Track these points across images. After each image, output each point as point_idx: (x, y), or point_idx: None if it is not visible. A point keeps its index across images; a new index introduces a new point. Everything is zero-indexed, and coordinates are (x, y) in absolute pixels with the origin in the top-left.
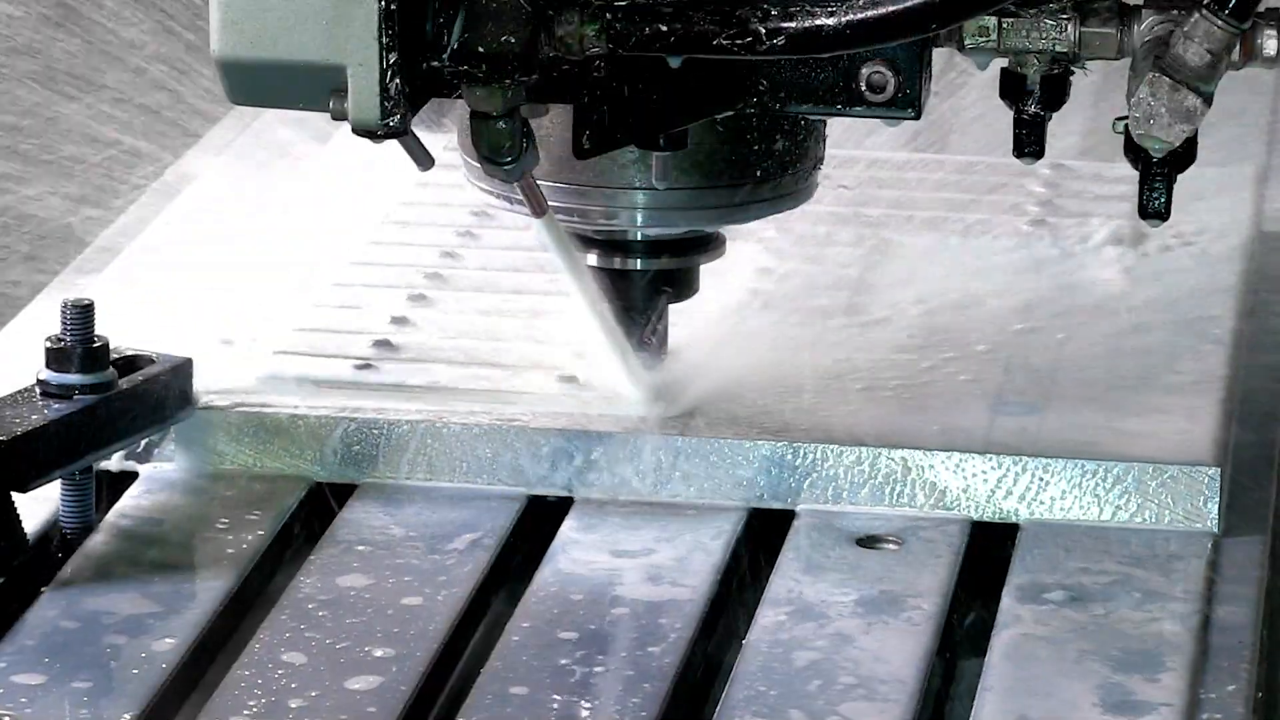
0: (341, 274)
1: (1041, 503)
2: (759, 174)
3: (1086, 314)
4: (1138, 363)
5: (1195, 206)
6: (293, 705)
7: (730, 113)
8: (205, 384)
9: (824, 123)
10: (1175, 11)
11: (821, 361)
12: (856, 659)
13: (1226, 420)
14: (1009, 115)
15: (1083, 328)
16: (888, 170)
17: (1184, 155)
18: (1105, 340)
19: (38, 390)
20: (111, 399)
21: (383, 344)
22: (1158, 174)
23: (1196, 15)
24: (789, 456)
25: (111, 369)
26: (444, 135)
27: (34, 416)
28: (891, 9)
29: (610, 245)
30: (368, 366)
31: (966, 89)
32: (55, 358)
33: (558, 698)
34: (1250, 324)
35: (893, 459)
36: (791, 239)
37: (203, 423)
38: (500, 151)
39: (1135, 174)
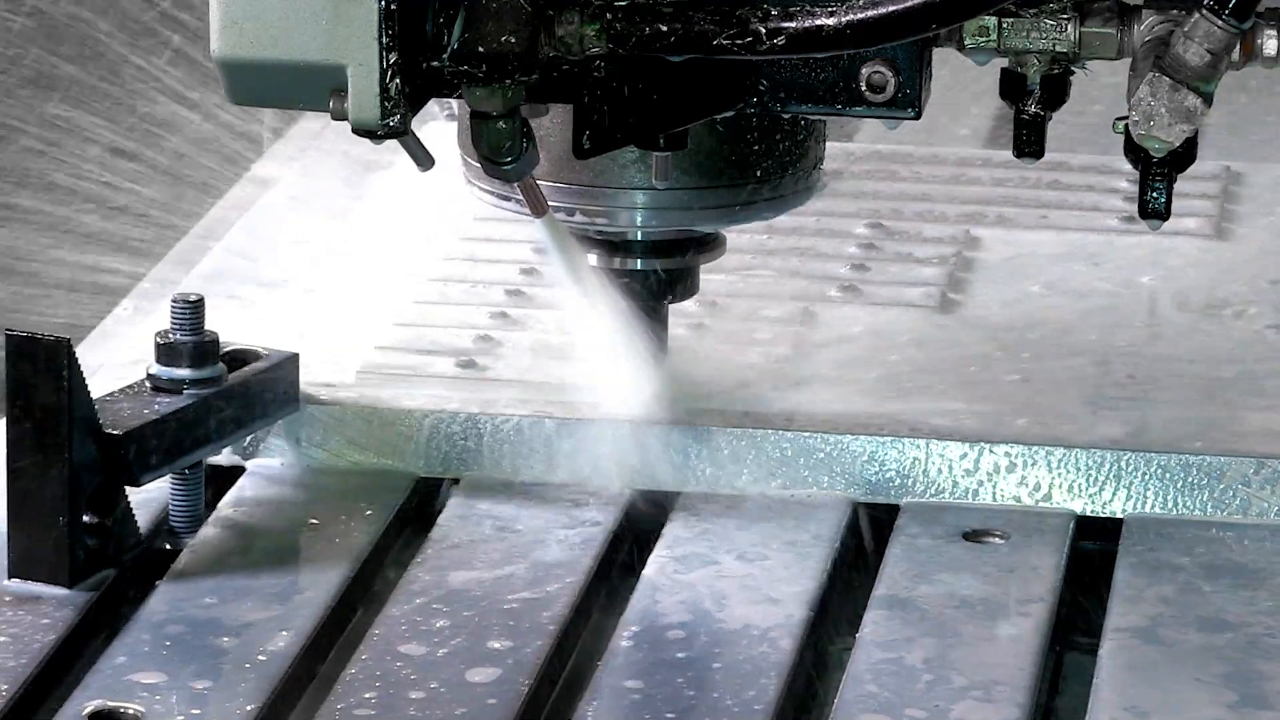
0: (438, 269)
1: (1145, 498)
2: (759, 174)
3: (1182, 307)
4: (1237, 355)
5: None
6: (413, 697)
7: (730, 113)
8: (309, 378)
9: (824, 122)
10: (1175, 11)
11: (922, 357)
12: (968, 657)
13: None
14: (1101, 114)
15: (1179, 321)
16: (973, 167)
17: (1184, 155)
18: (1202, 333)
19: (148, 385)
20: (221, 394)
21: (485, 339)
22: (1158, 174)
23: (1197, 15)
24: (894, 452)
25: (221, 364)
26: None
27: (145, 411)
28: (891, 9)
29: (611, 245)
30: (470, 362)
31: None
32: (165, 353)
33: (672, 692)
34: None
35: (996, 453)
36: (882, 233)
37: (308, 417)
38: (500, 151)
39: (1219, 169)
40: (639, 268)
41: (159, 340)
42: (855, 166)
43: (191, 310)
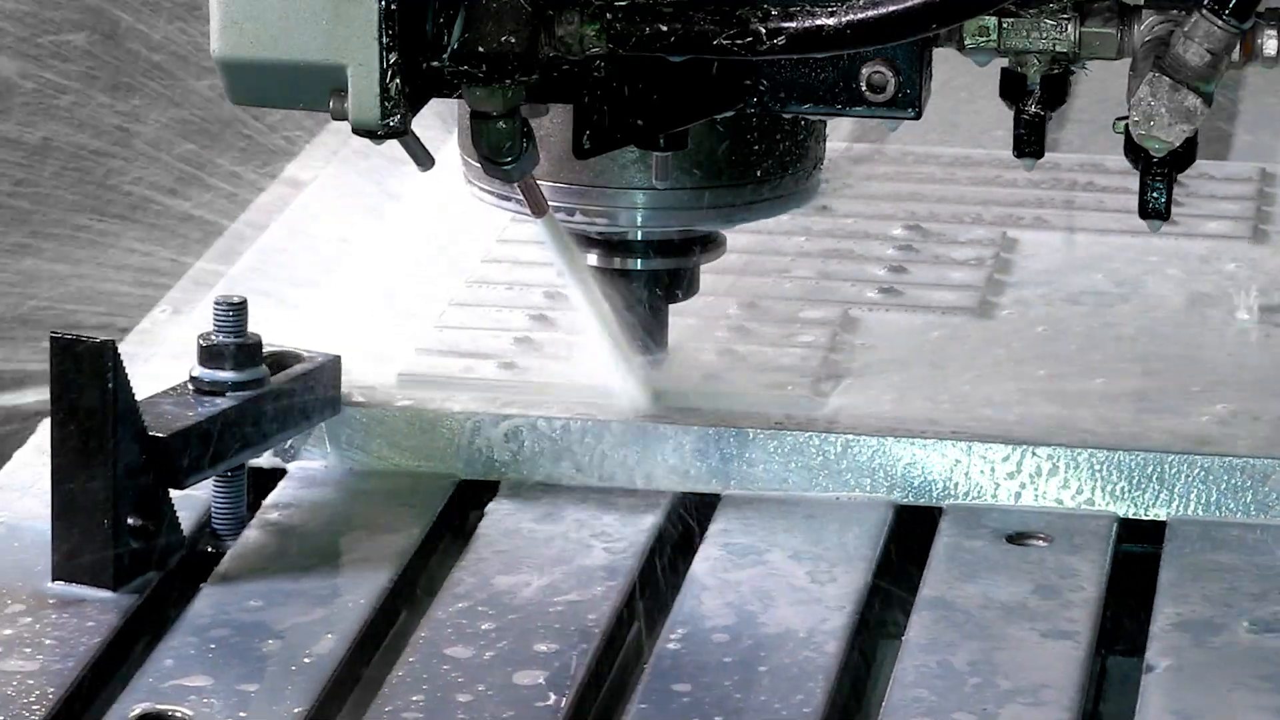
0: (477, 271)
1: (1188, 501)
2: (759, 174)
3: (1221, 309)
4: (1274, 355)
5: None
6: (460, 699)
7: (730, 113)
8: (351, 381)
9: (824, 122)
10: (1175, 11)
11: (962, 360)
12: (1014, 660)
13: None
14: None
15: (1220, 322)
16: (1009, 169)
17: (1184, 155)
18: (1243, 334)
19: (190, 387)
20: (264, 396)
21: (524, 341)
22: (1158, 174)
23: (1197, 15)
24: (935, 454)
25: (264, 366)
26: None
27: (188, 413)
28: (891, 9)
29: (611, 245)
30: (511, 365)
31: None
32: (207, 355)
33: (719, 695)
34: None
35: (1039, 456)
36: (919, 236)
37: (349, 420)
38: (500, 151)
39: (1254, 170)
40: (638, 268)
41: (201, 342)
42: (890, 169)
43: (234, 312)
